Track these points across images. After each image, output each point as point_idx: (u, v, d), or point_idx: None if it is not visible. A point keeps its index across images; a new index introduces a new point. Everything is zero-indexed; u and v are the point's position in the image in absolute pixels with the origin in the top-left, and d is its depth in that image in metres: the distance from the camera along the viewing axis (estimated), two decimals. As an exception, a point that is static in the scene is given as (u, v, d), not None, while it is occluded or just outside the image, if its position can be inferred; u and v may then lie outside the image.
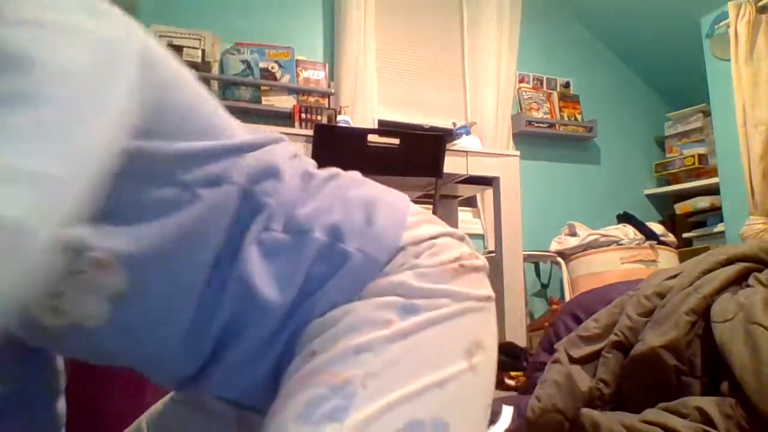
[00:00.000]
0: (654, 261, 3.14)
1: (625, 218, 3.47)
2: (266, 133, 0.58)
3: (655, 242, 3.22)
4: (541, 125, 3.97)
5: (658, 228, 3.36)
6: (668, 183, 4.28)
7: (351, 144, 2.29)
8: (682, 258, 2.75)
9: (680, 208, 4.06)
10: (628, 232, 3.23)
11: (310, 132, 2.32)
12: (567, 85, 4.24)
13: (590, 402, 1.17)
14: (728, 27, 3.26)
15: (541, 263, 3.76)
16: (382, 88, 3.64)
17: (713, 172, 3.69)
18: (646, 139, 4.42)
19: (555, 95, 4.13)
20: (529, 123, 3.92)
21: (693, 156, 4.02)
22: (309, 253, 0.52)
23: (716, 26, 3.43)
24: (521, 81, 4.06)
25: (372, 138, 2.30)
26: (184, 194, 0.49)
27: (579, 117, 4.15)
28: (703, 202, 3.89)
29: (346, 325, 0.50)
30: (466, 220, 3.76)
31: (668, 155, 4.29)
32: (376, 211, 0.55)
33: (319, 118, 3.21)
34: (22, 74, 0.38)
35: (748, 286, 1.17)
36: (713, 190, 3.66)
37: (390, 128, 3.33)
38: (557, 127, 4.03)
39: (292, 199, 0.54)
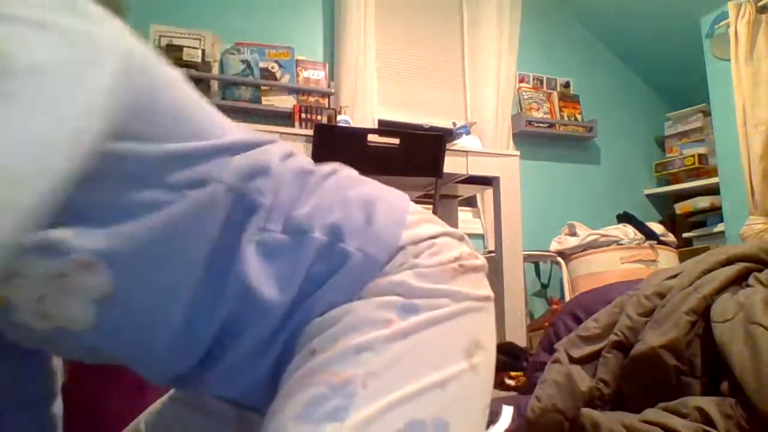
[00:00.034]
0: (654, 261, 3.14)
1: (625, 218, 3.47)
2: (259, 133, 0.58)
3: (655, 242, 3.22)
4: (541, 125, 3.97)
5: (658, 228, 3.36)
6: (668, 183, 4.28)
7: (351, 144, 2.28)
8: (682, 258, 2.74)
9: (680, 208, 4.05)
10: (628, 232, 3.23)
11: (310, 132, 2.32)
12: (567, 85, 4.24)
13: (590, 402, 1.17)
14: (728, 27, 3.26)
15: (541, 263, 3.76)
16: (382, 88, 3.64)
17: (713, 172, 3.69)
18: (646, 139, 4.42)
19: (555, 95, 4.13)
20: (529, 123, 3.92)
21: (693, 156, 4.03)
22: (309, 253, 0.52)
23: (716, 26, 3.43)
24: (521, 81, 4.06)
25: (372, 138, 2.30)
26: (169, 195, 0.48)
27: (579, 117, 4.15)
28: (703, 202, 3.89)
29: (346, 325, 0.50)
30: (466, 220, 3.76)
31: (668, 155, 4.29)
32: (376, 210, 0.55)
33: (319, 118, 3.21)
34: None
35: (748, 286, 1.17)
36: (713, 190, 3.66)
37: (390, 128, 3.32)
38: (557, 127, 4.03)
39: (290, 199, 0.54)
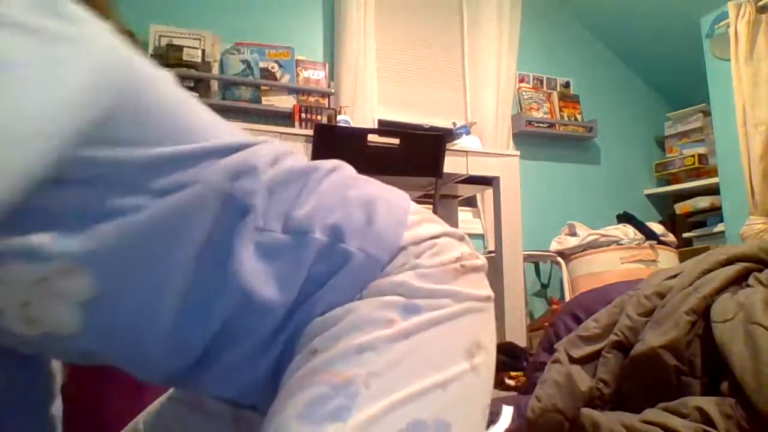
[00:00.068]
0: (654, 261, 3.14)
1: (625, 218, 3.47)
2: (251, 134, 0.58)
3: (655, 242, 3.22)
4: (541, 125, 3.97)
5: (658, 228, 3.36)
6: (668, 183, 4.27)
7: (351, 144, 2.29)
8: (682, 258, 2.75)
9: (680, 208, 4.05)
10: (628, 232, 3.23)
11: (310, 132, 2.32)
12: (567, 85, 4.24)
13: (590, 402, 1.17)
14: (728, 27, 3.26)
15: (541, 263, 3.76)
16: (382, 88, 3.64)
17: (713, 172, 3.69)
18: (646, 139, 4.42)
19: (555, 95, 4.13)
20: (529, 123, 3.92)
21: (693, 156, 4.03)
22: (309, 254, 0.51)
23: (716, 26, 3.43)
24: (521, 81, 4.06)
25: (372, 138, 2.30)
26: (151, 199, 0.48)
27: (579, 117, 4.15)
28: (703, 202, 3.89)
29: (348, 324, 0.49)
30: (466, 220, 3.76)
31: (668, 155, 4.29)
32: (377, 210, 0.55)
33: (319, 118, 3.21)
34: None
35: (748, 286, 1.17)
36: (713, 190, 3.66)
37: (390, 128, 3.32)
38: (557, 127, 4.03)
39: (289, 198, 0.53)
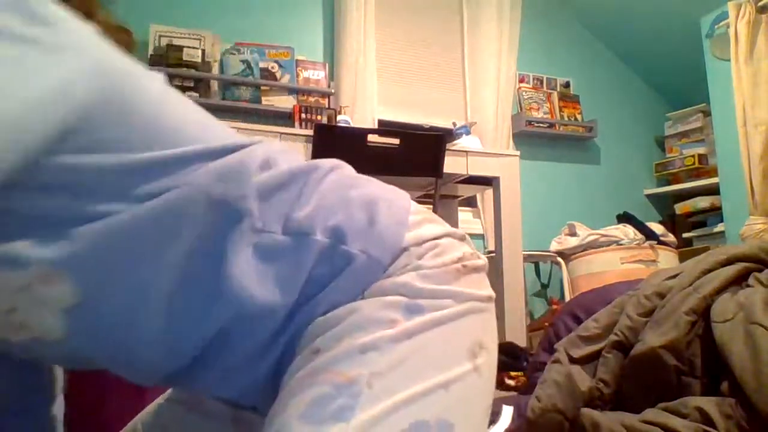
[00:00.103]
0: (654, 261, 3.14)
1: (625, 218, 3.47)
2: (246, 136, 0.57)
3: (655, 242, 3.22)
4: (541, 125, 3.97)
5: (658, 228, 3.36)
6: (668, 183, 4.28)
7: (351, 144, 2.29)
8: (682, 258, 2.75)
9: (680, 208, 4.06)
10: (628, 232, 3.23)
11: (310, 132, 2.32)
12: (567, 85, 4.24)
13: (590, 402, 1.16)
14: (728, 27, 3.26)
15: (541, 263, 3.76)
16: (382, 88, 3.64)
17: (713, 172, 3.69)
18: (646, 139, 4.42)
19: (555, 95, 4.13)
20: (529, 123, 3.92)
21: (693, 156, 4.03)
22: (311, 256, 0.51)
23: (716, 26, 3.43)
24: (521, 81, 4.06)
25: (372, 138, 2.30)
26: (132, 204, 0.47)
27: (579, 117, 4.15)
28: (703, 202, 3.89)
29: (350, 324, 0.49)
30: (466, 220, 3.76)
31: (668, 155, 4.29)
32: (378, 211, 0.54)
33: (319, 118, 3.22)
34: None
35: (748, 286, 1.17)
36: (713, 190, 3.66)
37: (390, 128, 3.33)
38: (557, 127, 4.03)
39: (288, 199, 0.53)
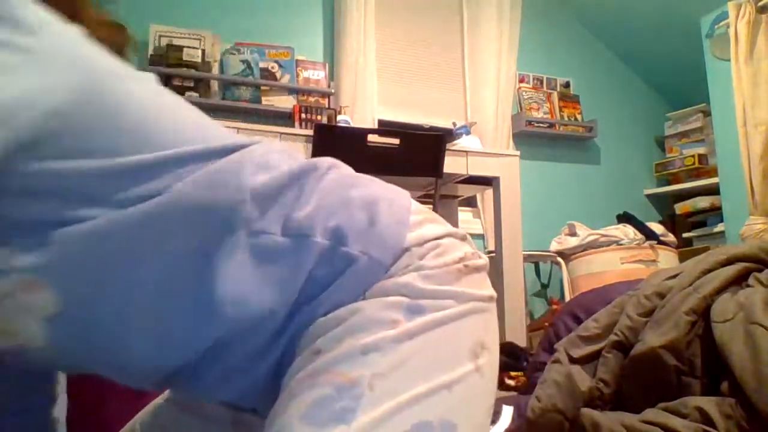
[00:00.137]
0: (654, 261, 3.14)
1: (625, 218, 3.47)
2: (243, 137, 0.56)
3: (655, 242, 3.22)
4: (541, 125, 3.97)
5: (658, 228, 3.36)
6: (668, 183, 4.28)
7: (351, 144, 2.29)
8: (682, 258, 2.75)
9: (680, 208, 4.06)
10: (628, 232, 3.23)
11: (310, 132, 2.32)
12: (567, 85, 4.24)
13: (590, 402, 1.16)
14: (728, 27, 3.26)
15: (541, 263, 3.76)
16: (382, 88, 3.64)
17: (713, 172, 3.69)
18: (646, 139, 4.42)
19: (555, 95, 4.13)
20: (529, 123, 3.92)
21: (693, 156, 4.03)
22: (310, 257, 0.51)
23: (716, 26, 3.43)
24: (521, 81, 4.06)
25: (372, 138, 2.30)
26: (113, 209, 0.46)
27: (579, 117, 4.15)
28: (703, 202, 3.89)
29: (352, 325, 0.49)
30: (466, 220, 3.76)
31: (668, 155, 4.29)
32: (379, 210, 0.54)
33: (319, 118, 3.22)
34: None
35: (748, 286, 1.17)
36: (713, 190, 3.66)
37: (390, 128, 3.33)
38: (557, 127, 4.03)
39: (287, 200, 0.52)
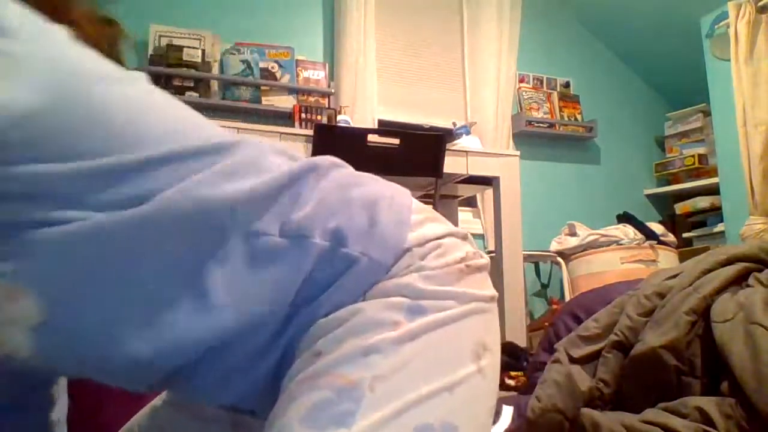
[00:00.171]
0: (654, 261, 3.14)
1: (625, 218, 3.47)
2: (235, 135, 0.54)
3: (655, 242, 3.22)
4: (541, 125, 3.97)
5: (658, 228, 3.36)
6: (668, 183, 4.28)
7: (351, 144, 2.29)
8: (682, 258, 2.75)
9: (680, 208, 4.06)
10: (628, 232, 3.23)
11: (310, 132, 2.32)
12: (567, 85, 4.24)
13: (590, 402, 1.16)
14: (728, 27, 3.26)
15: (541, 263, 3.76)
16: (382, 88, 3.64)
17: (713, 172, 3.69)
18: (646, 139, 4.42)
19: (555, 95, 4.13)
20: (529, 123, 3.92)
21: (693, 156, 4.03)
22: (309, 258, 0.50)
23: (716, 26, 3.43)
24: (521, 81, 4.06)
25: (372, 138, 2.30)
26: (94, 214, 0.45)
27: (579, 117, 4.15)
28: (703, 202, 3.89)
29: (352, 326, 0.49)
30: (466, 220, 3.76)
31: (668, 155, 4.29)
32: (379, 210, 0.53)
33: (319, 118, 3.22)
34: None
35: (748, 286, 1.17)
36: (713, 190, 3.66)
37: (390, 128, 3.33)
38: (557, 127, 4.03)
39: (286, 200, 0.51)
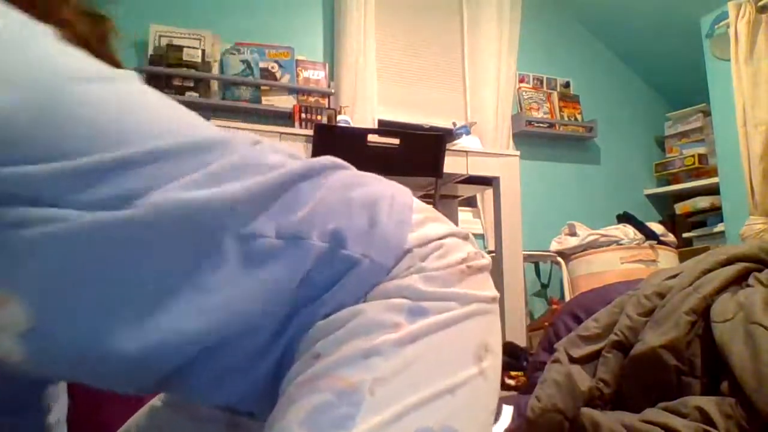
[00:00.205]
0: (654, 261, 3.14)
1: (625, 218, 3.47)
2: (228, 132, 0.53)
3: (655, 242, 3.22)
4: (541, 125, 3.97)
5: (658, 228, 3.36)
6: (668, 183, 4.28)
7: (351, 144, 2.29)
8: (682, 258, 2.75)
9: (680, 208, 4.06)
10: (628, 232, 3.24)
11: (310, 132, 2.32)
12: (567, 85, 4.24)
13: (590, 402, 1.16)
14: (728, 27, 3.26)
15: (541, 263, 3.76)
16: (382, 88, 3.64)
17: (713, 172, 3.69)
18: (646, 139, 4.42)
19: (555, 95, 4.13)
20: (529, 123, 3.92)
21: (693, 156, 4.03)
22: (307, 259, 0.49)
23: (716, 26, 3.43)
24: (521, 81, 4.06)
25: (372, 138, 2.30)
26: (80, 216, 0.43)
27: (579, 117, 4.15)
28: (703, 202, 3.89)
29: (353, 328, 0.48)
30: (466, 220, 3.76)
31: (668, 155, 4.29)
32: (380, 210, 0.52)
33: (319, 118, 3.22)
34: None
35: (748, 286, 1.17)
36: (713, 190, 3.66)
37: (390, 128, 3.33)
38: (557, 127, 4.03)
39: (283, 201, 0.50)
